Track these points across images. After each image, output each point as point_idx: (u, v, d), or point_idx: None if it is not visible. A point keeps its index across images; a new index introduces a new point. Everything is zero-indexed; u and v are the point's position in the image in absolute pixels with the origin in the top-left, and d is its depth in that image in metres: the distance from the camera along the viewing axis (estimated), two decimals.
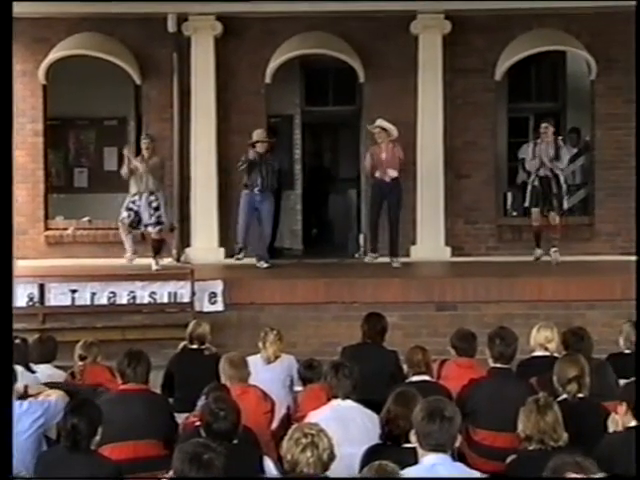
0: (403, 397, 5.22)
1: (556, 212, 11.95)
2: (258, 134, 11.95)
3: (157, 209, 11.59)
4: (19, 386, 6.04)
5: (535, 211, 12.06)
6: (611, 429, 5.27)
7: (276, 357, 7.66)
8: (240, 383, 6.40)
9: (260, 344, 7.70)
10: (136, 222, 11.60)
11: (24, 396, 6.06)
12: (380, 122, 11.87)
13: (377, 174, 11.83)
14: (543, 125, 11.95)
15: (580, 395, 5.74)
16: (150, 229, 11.63)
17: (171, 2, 12.40)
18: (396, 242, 12.02)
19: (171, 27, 12.64)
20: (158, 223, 11.62)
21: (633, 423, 5.03)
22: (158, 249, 11.84)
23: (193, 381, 6.60)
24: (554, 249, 12.08)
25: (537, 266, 12.00)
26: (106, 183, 13.05)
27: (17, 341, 6.91)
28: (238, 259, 11.85)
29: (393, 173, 11.76)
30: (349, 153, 15.07)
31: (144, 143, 11.74)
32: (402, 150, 11.87)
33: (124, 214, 11.57)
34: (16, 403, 5.75)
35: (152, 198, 11.55)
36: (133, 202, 11.57)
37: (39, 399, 6.01)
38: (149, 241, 11.90)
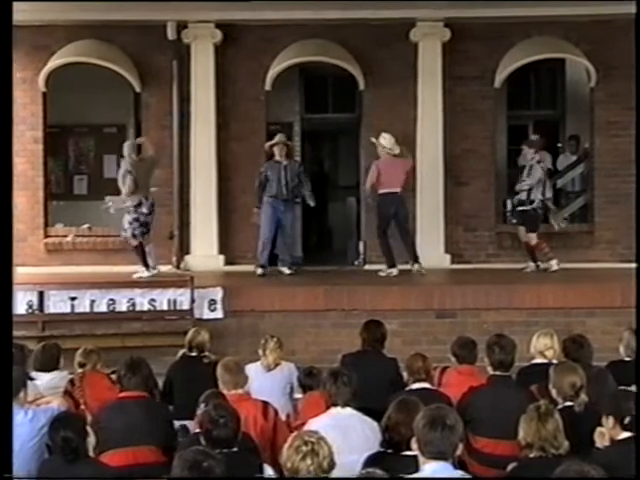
0: (404, 404, 5.22)
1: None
2: (278, 136, 11.92)
3: (149, 214, 11.57)
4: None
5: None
6: (597, 442, 5.22)
7: (276, 364, 7.68)
8: (237, 389, 6.36)
9: (260, 351, 7.71)
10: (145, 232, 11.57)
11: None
12: (382, 138, 11.93)
13: (385, 190, 11.85)
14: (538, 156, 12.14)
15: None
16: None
17: (171, 10, 12.40)
18: (414, 248, 12.07)
19: (171, 35, 12.65)
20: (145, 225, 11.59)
21: (622, 435, 5.01)
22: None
23: (192, 389, 6.59)
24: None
25: (536, 273, 12.01)
26: (106, 190, 13.02)
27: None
28: (264, 275, 11.80)
29: (398, 186, 11.85)
30: (349, 161, 15.07)
31: (140, 140, 11.75)
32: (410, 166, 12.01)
33: (138, 231, 11.46)
34: (21, 411, 5.73)
35: (148, 202, 11.53)
36: (139, 216, 11.46)
37: (42, 407, 6.00)
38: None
